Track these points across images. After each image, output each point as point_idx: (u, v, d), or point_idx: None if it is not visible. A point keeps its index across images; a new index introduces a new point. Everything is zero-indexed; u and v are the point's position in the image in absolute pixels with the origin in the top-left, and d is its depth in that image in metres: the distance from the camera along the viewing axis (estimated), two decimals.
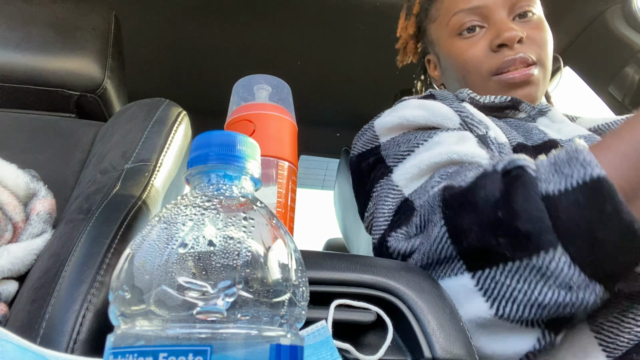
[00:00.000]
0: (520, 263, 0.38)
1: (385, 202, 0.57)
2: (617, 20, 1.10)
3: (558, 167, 0.39)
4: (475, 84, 0.69)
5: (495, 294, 0.40)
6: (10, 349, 0.28)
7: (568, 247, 0.36)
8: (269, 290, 0.22)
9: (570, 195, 0.37)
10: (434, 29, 0.76)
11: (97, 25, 0.80)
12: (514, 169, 0.41)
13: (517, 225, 0.38)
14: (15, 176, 0.54)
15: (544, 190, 0.38)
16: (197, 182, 0.26)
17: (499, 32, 0.66)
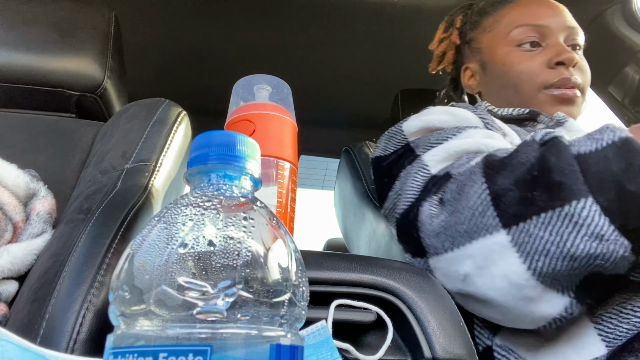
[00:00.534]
0: (553, 212, 0.41)
1: (415, 179, 0.59)
2: (617, 20, 1.10)
3: (590, 135, 0.43)
4: (525, 94, 0.73)
5: (529, 249, 0.42)
6: (10, 349, 0.28)
7: (598, 197, 0.39)
8: (269, 290, 0.22)
9: (600, 152, 0.41)
10: (487, 38, 0.81)
11: (97, 25, 0.80)
12: (551, 139, 0.45)
13: (550, 178, 0.41)
14: (15, 176, 0.54)
15: (575, 151, 0.42)
16: (197, 182, 0.26)
17: (559, 52, 0.71)
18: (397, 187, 0.62)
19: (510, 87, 0.75)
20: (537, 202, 0.42)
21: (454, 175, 0.53)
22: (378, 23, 1.20)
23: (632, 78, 1.08)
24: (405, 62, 1.32)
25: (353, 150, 1.01)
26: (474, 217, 0.45)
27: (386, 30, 1.23)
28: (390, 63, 1.34)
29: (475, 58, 0.83)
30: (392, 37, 1.25)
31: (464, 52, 0.87)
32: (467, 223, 0.46)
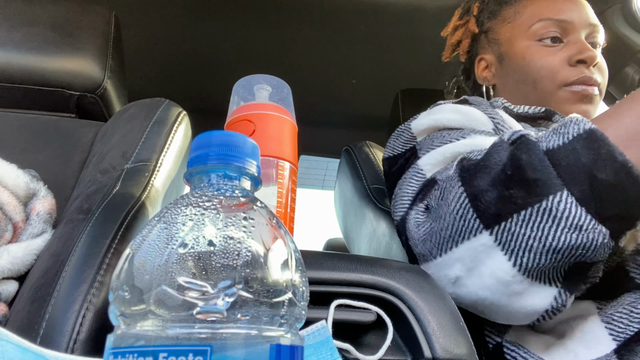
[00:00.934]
0: (532, 209, 0.42)
1: (409, 184, 0.60)
2: (617, 20, 1.10)
3: (555, 130, 0.44)
4: (544, 90, 0.72)
5: (513, 246, 0.43)
6: (10, 349, 0.28)
7: (572, 189, 0.41)
8: (269, 290, 0.22)
9: (568, 145, 0.42)
10: (506, 29, 0.78)
11: (97, 25, 0.80)
12: (518, 137, 0.46)
13: (524, 176, 0.42)
14: (15, 176, 0.54)
15: (544, 147, 0.43)
16: (197, 182, 0.26)
17: (581, 49, 0.70)
18: (396, 191, 0.63)
19: (529, 82, 0.74)
20: (515, 200, 0.43)
21: (438, 181, 0.54)
22: (378, 23, 1.20)
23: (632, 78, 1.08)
24: (405, 62, 1.32)
25: (353, 150, 1.01)
26: (456, 222, 0.46)
27: (386, 30, 1.23)
28: (390, 63, 1.34)
29: (492, 49, 0.81)
30: (392, 37, 1.25)
31: (480, 42, 0.85)
32: (450, 228, 0.47)
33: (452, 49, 0.90)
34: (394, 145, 0.69)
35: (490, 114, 0.64)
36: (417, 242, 0.51)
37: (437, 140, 0.62)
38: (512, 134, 0.47)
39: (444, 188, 0.50)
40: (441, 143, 0.61)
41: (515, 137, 0.46)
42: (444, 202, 0.49)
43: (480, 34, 0.84)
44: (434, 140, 0.62)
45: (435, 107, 0.68)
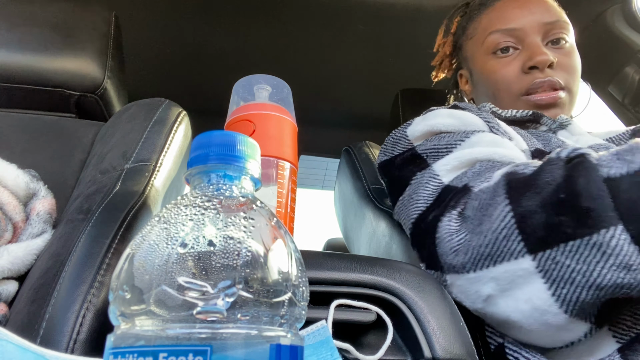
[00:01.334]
0: (581, 241, 0.39)
1: (426, 187, 0.59)
2: (617, 20, 1.10)
3: (620, 155, 0.41)
4: (505, 102, 0.73)
5: (555, 276, 0.41)
6: (10, 349, 0.28)
7: (629, 225, 0.38)
8: (269, 290, 0.22)
9: (632, 177, 0.39)
10: (469, 46, 0.80)
11: (97, 25, 0.80)
12: (577, 156, 0.43)
13: (578, 203, 0.40)
14: (15, 176, 0.54)
15: (605, 173, 0.40)
16: (197, 182, 0.26)
17: (531, 55, 0.69)
18: (407, 194, 0.62)
19: (491, 96, 0.75)
20: (565, 228, 0.40)
21: (474, 190, 0.51)
22: (378, 23, 1.20)
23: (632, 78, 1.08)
24: (405, 62, 1.32)
25: (353, 150, 1.01)
26: (498, 241, 0.44)
27: (386, 30, 1.23)
28: (390, 63, 1.34)
29: (466, 64, 0.83)
30: (392, 37, 1.25)
31: (458, 58, 0.87)
32: (490, 246, 0.45)
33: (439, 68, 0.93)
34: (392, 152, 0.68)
35: (484, 118, 0.64)
36: (448, 251, 0.49)
37: (442, 144, 0.61)
38: (571, 150, 0.44)
39: (486, 200, 0.48)
40: (448, 148, 0.60)
41: (573, 155, 0.44)
42: (487, 217, 0.46)
43: (457, 50, 0.86)
44: (438, 144, 0.62)
45: (429, 113, 0.67)
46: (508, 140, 0.60)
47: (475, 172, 0.55)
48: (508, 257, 0.43)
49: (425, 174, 0.60)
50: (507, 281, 0.44)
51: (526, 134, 0.66)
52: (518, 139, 0.63)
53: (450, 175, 0.57)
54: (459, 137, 0.61)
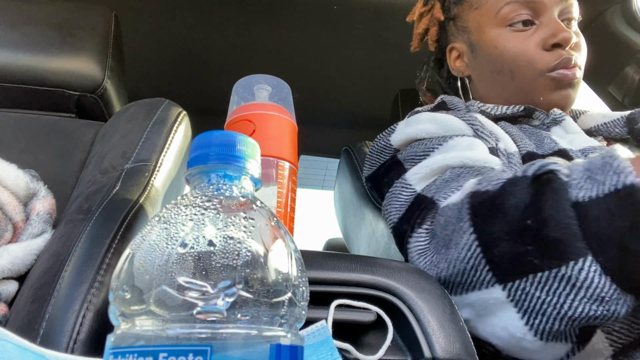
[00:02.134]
0: (550, 273, 0.37)
1: (398, 198, 0.58)
2: (617, 20, 1.10)
3: (591, 172, 0.38)
4: (524, 79, 0.68)
5: (527, 306, 0.39)
6: (10, 349, 0.28)
7: (598, 256, 0.36)
8: (269, 290, 0.22)
9: (602, 202, 0.36)
10: (474, 16, 0.73)
11: (97, 25, 0.80)
12: (546, 173, 0.40)
13: (545, 232, 0.37)
14: (15, 176, 0.54)
15: (574, 196, 0.37)
16: (197, 182, 0.26)
17: (555, 32, 0.65)
18: (385, 202, 0.62)
19: (506, 72, 0.69)
20: (532, 259, 0.38)
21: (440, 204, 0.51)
22: (378, 23, 1.20)
23: (632, 78, 1.08)
24: (405, 62, 1.32)
25: (353, 150, 1.01)
26: (467, 271, 0.43)
27: (386, 30, 1.23)
28: (390, 63, 1.34)
29: (462, 37, 0.76)
30: (392, 37, 1.25)
31: (449, 29, 0.79)
32: (460, 276, 0.44)
33: (419, 37, 0.84)
34: (378, 162, 0.68)
35: (467, 120, 0.62)
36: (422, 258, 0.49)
37: (420, 149, 0.61)
38: (539, 166, 0.41)
39: (451, 219, 0.46)
40: (424, 153, 0.60)
41: (541, 172, 0.41)
42: (453, 243, 0.45)
43: (448, 20, 0.78)
44: (416, 149, 0.61)
45: (411, 118, 0.66)
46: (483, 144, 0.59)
47: (444, 180, 0.54)
48: (479, 287, 0.42)
49: (399, 183, 0.60)
50: (482, 307, 0.43)
51: (517, 132, 0.64)
52: (507, 141, 0.61)
53: (422, 184, 0.56)
54: (436, 142, 0.60)
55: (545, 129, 0.68)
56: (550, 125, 0.68)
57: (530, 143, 0.62)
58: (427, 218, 0.52)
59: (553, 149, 0.60)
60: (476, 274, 0.42)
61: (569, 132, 0.66)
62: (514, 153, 0.59)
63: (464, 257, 0.43)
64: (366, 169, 0.72)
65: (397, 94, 1.14)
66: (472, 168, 0.54)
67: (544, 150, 0.60)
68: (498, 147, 0.60)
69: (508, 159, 0.59)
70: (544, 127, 0.68)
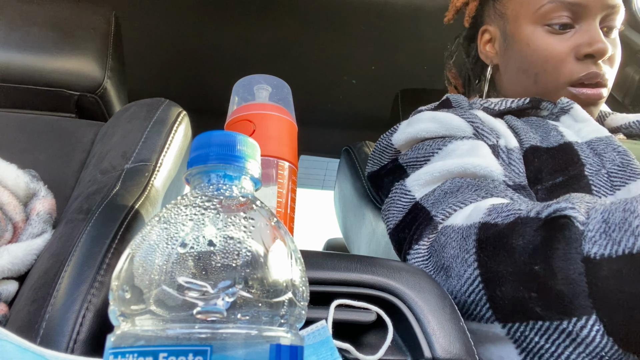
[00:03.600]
0: (551, 324, 0.37)
1: (397, 204, 0.59)
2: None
3: (608, 226, 0.36)
4: (548, 87, 0.66)
5: (525, 346, 0.39)
6: (10, 349, 0.28)
7: (603, 317, 0.35)
8: (269, 290, 0.22)
9: (613, 264, 0.34)
10: (514, 4, 0.69)
11: (97, 25, 0.80)
12: (561, 217, 0.38)
13: (552, 283, 0.37)
14: (15, 176, 0.54)
15: (586, 251, 0.36)
16: (197, 182, 0.26)
17: (591, 41, 0.63)
18: (385, 206, 0.62)
19: (531, 74, 0.67)
20: (534, 306, 0.38)
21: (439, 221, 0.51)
22: (378, 23, 1.20)
23: (632, 78, 1.08)
24: (405, 62, 1.32)
25: (353, 150, 1.01)
26: (467, 304, 0.43)
27: (386, 30, 1.23)
28: (390, 63, 1.34)
29: (498, 23, 0.72)
30: (392, 37, 1.25)
31: (487, 9, 0.75)
32: (460, 306, 0.44)
33: (456, 9, 0.80)
34: (380, 161, 0.68)
35: (468, 118, 0.61)
36: None
37: (420, 153, 0.61)
38: (554, 210, 0.39)
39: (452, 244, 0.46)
40: (425, 158, 0.59)
41: (556, 215, 0.38)
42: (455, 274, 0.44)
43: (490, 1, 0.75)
44: (417, 153, 0.61)
45: (413, 117, 0.66)
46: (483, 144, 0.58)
47: (442, 191, 0.54)
48: (479, 320, 0.42)
49: (398, 188, 0.60)
50: (482, 336, 0.43)
51: (523, 126, 0.62)
52: (507, 136, 0.60)
53: (422, 191, 0.57)
54: (435, 145, 0.59)
55: (554, 119, 0.66)
56: (559, 115, 0.65)
57: (535, 136, 0.60)
58: (425, 234, 0.52)
59: (559, 142, 0.59)
60: (476, 308, 0.42)
61: (577, 120, 0.63)
62: (514, 149, 0.59)
63: (466, 290, 0.43)
64: (368, 167, 0.72)
65: (397, 94, 1.14)
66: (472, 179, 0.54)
67: (549, 143, 0.59)
68: (498, 144, 0.60)
69: (508, 155, 0.58)
70: (552, 117, 0.66)
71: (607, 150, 0.56)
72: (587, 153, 0.56)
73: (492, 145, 0.59)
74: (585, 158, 0.55)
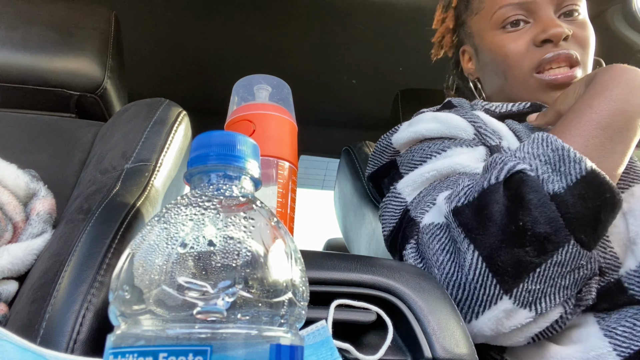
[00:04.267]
0: (545, 264, 0.42)
1: (389, 209, 0.60)
2: (617, 20, 1.10)
3: (554, 166, 0.43)
4: (516, 80, 0.68)
5: (532, 300, 0.43)
6: (10, 349, 0.28)
7: (579, 237, 0.42)
8: (269, 290, 0.22)
9: (574, 190, 0.42)
10: (475, 22, 0.75)
11: (97, 25, 0.80)
12: (515, 173, 0.44)
13: (538, 230, 0.42)
14: (15, 176, 0.54)
15: (551, 190, 0.42)
16: (197, 182, 0.26)
17: (544, 27, 0.65)
18: (380, 210, 0.63)
19: (501, 74, 0.70)
20: (530, 258, 0.42)
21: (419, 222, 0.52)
22: (378, 23, 1.20)
23: None
24: (405, 62, 1.32)
25: (353, 150, 1.01)
26: (477, 291, 0.45)
27: (386, 30, 1.23)
28: (390, 63, 1.34)
29: (470, 41, 0.78)
30: (392, 37, 1.25)
31: (460, 35, 0.82)
32: (470, 299, 0.45)
33: (438, 45, 0.87)
34: (380, 161, 0.69)
35: (470, 119, 0.62)
36: None
37: (418, 154, 0.61)
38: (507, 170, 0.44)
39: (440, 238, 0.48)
40: (422, 160, 0.60)
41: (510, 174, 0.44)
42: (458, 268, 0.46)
43: (458, 27, 0.81)
44: (414, 154, 0.62)
45: (415, 118, 0.67)
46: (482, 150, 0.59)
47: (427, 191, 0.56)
48: (489, 305, 0.44)
49: (391, 193, 0.61)
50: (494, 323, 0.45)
51: (523, 130, 0.63)
52: (510, 138, 0.61)
53: (412, 195, 0.58)
54: (435, 148, 0.60)
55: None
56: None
57: None
58: (410, 236, 0.54)
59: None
60: (485, 291, 0.44)
61: None
62: None
63: (473, 277, 0.45)
64: (368, 168, 0.72)
65: (397, 94, 1.14)
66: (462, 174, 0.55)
67: None
68: (501, 146, 0.60)
69: None
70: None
71: None
72: None
73: (495, 146, 0.59)
74: None
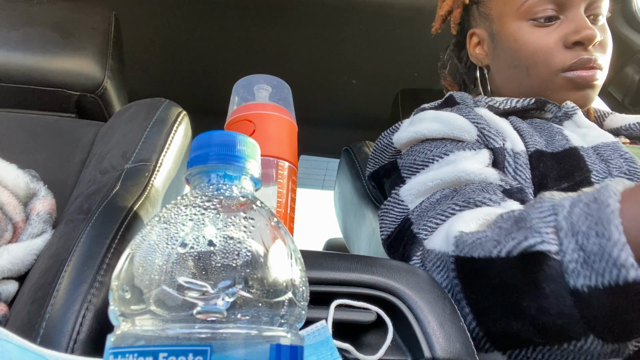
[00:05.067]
0: (552, 347, 0.39)
1: (390, 214, 0.59)
2: (617, 20, 1.10)
3: (587, 256, 0.35)
4: (540, 77, 0.66)
5: None
6: (10, 349, 0.28)
7: (600, 335, 0.36)
8: (269, 290, 0.22)
9: (602, 295, 0.34)
10: (496, 5, 0.71)
11: (97, 25, 0.80)
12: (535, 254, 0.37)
13: (544, 320, 0.37)
14: (15, 176, 0.54)
15: (572, 284, 0.35)
16: (197, 182, 0.26)
17: (577, 28, 0.63)
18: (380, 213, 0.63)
19: (522, 68, 0.67)
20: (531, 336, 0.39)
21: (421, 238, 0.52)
22: (378, 23, 1.20)
23: (632, 78, 1.08)
24: (405, 62, 1.32)
25: (353, 150, 1.01)
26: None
27: (386, 30, 1.23)
28: (390, 63, 1.34)
29: (484, 24, 0.73)
30: (392, 37, 1.25)
31: (472, 14, 0.77)
32: None
33: (442, 19, 0.81)
34: (381, 161, 0.68)
35: (473, 119, 0.61)
36: None
37: (420, 157, 0.60)
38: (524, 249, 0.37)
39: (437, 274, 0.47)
40: (423, 164, 0.59)
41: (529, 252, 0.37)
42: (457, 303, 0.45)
43: (472, 4, 0.76)
44: (416, 156, 0.61)
45: (416, 116, 0.65)
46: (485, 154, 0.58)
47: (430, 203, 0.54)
48: (478, 351, 0.43)
49: (392, 198, 0.60)
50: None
51: (527, 128, 0.62)
52: (514, 139, 0.60)
53: (415, 202, 0.57)
54: (437, 151, 0.59)
55: (558, 122, 0.66)
56: (563, 119, 0.66)
57: (540, 140, 0.60)
58: (413, 253, 0.53)
59: (564, 147, 0.58)
60: (474, 341, 0.42)
61: (581, 126, 0.64)
62: (521, 153, 0.58)
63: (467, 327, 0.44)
64: (368, 167, 0.72)
65: (397, 94, 1.14)
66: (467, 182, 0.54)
67: (554, 148, 0.59)
68: (505, 147, 0.59)
69: (514, 159, 0.58)
70: (556, 120, 0.66)
71: (613, 156, 0.55)
72: (593, 159, 0.55)
73: (499, 148, 0.58)
74: (592, 164, 0.54)
